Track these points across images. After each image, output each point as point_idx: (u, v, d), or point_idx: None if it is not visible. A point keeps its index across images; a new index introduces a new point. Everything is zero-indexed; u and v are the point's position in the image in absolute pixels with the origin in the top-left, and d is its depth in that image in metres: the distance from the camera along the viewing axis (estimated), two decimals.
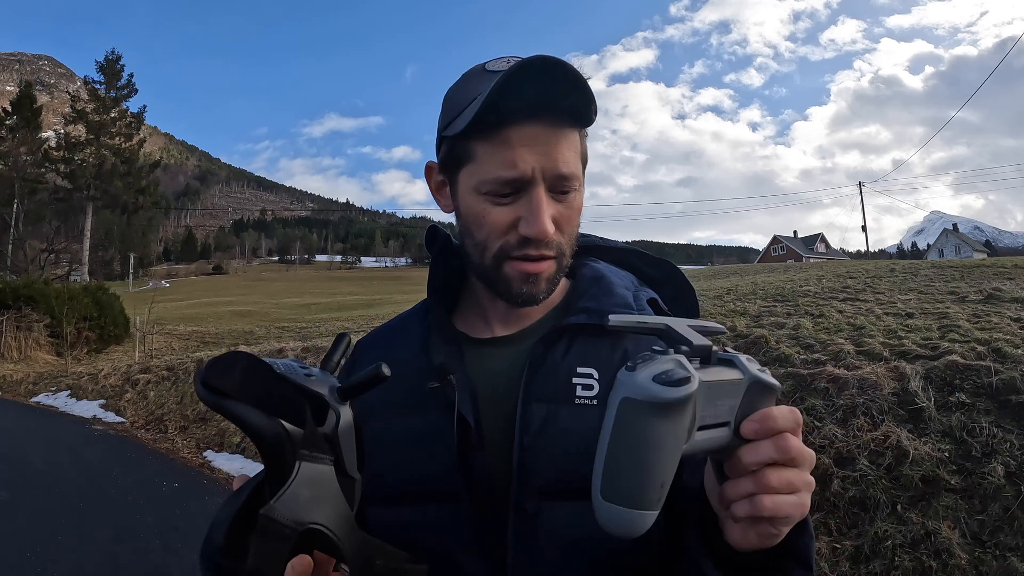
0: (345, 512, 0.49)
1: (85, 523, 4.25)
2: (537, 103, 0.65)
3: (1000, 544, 2.45)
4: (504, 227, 0.68)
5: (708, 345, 0.49)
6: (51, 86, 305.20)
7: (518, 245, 0.68)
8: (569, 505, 0.67)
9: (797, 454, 0.49)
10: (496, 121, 0.65)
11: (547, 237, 0.67)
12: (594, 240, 0.89)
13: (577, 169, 0.69)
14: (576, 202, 0.70)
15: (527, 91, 0.63)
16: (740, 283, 11.27)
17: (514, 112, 0.65)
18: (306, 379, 0.50)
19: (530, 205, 0.67)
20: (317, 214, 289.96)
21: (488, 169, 0.67)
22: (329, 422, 0.49)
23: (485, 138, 0.67)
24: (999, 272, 8.05)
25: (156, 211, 52.29)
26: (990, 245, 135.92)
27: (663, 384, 0.43)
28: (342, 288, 59.16)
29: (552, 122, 0.66)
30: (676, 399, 0.43)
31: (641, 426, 0.44)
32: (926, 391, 3.28)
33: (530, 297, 0.71)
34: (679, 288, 0.86)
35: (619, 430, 0.45)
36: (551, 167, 0.66)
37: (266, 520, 0.44)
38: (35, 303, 15.48)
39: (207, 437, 6.76)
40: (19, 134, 32.56)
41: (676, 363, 0.45)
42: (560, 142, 0.67)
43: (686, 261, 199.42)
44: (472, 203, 0.70)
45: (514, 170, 0.66)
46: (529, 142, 0.66)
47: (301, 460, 0.46)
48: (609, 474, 0.45)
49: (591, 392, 0.70)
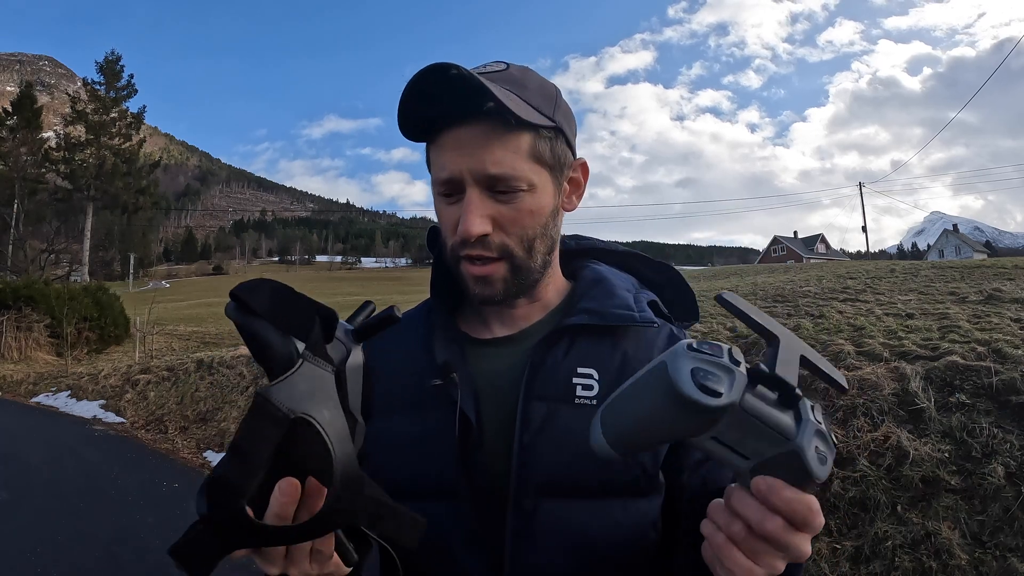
0: (340, 422, 0.48)
1: (85, 523, 4.25)
2: (451, 109, 0.67)
3: (1000, 544, 2.45)
4: (451, 226, 0.71)
5: (789, 386, 0.46)
6: (51, 86, 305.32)
7: (460, 245, 0.70)
8: (567, 503, 0.68)
9: (777, 540, 0.46)
10: (428, 129, 0.69)
11: (471, 237, 0.68)
12: (594, 243, 0.90)
13: (516, 170, 0.68)
14: (526, 204, 0.69)
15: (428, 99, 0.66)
16: (740, 284, 11.27)
17: (432, 120, 0.68)
18: None
19: (461, 206, 0.68)
20: (317, 215, 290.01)
21: (433, 171, 0.71)
22: (339, 352, 0.50)
23: (430, 143, 0.71)
24: (999, 273, 8.05)
25: (156, 211, 52.40)
26: (990, 246, 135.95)
27: (693, 381, 0.42)
28: (342, 289, 59.15)
29: (484, 125, 0.67)
30: (694, 402, 0.42)
31: (653, 395, 0.45)
32: (926, 392, 3.28)
33: (486, 298, 0.73)
34: (678, 291, 0.88)
35: (642, 382, 0.46)
36: (478, 168, 0.67)
37: (261, 399, 0.44)
38: (35, 303, 15.48)
39: (207, 437, 6.76)
40: (19, 134, 32.59)
41: (728, 374, 0.44)
42: (491, 144, 0.67)
43: (686, 262, 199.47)
44: (435, 203, 0.74)
45: (444, 172, 0.69)
46: (457, 145, 0.67)
47: (304, 359, 0.48)
48: (614, 402, 0.48)
49: (591, 392, 0.71)
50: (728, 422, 0.44)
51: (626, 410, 0.46)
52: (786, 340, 0.48)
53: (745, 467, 0.46)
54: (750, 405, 0.44)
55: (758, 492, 0.46)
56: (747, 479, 0.47)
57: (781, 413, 0.45)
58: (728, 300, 0.50)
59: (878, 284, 8.18)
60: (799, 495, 0.45)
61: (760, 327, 0.48)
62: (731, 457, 0.46)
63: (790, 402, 0.46)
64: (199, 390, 8.13)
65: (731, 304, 0.49)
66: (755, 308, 0.50)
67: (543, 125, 0.69)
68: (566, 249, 0.87)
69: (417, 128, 0.70)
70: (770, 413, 0.45)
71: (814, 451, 0.45)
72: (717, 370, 0.43)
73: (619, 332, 0.75)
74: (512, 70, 0.71)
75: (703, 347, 0.45)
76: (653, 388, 0.45)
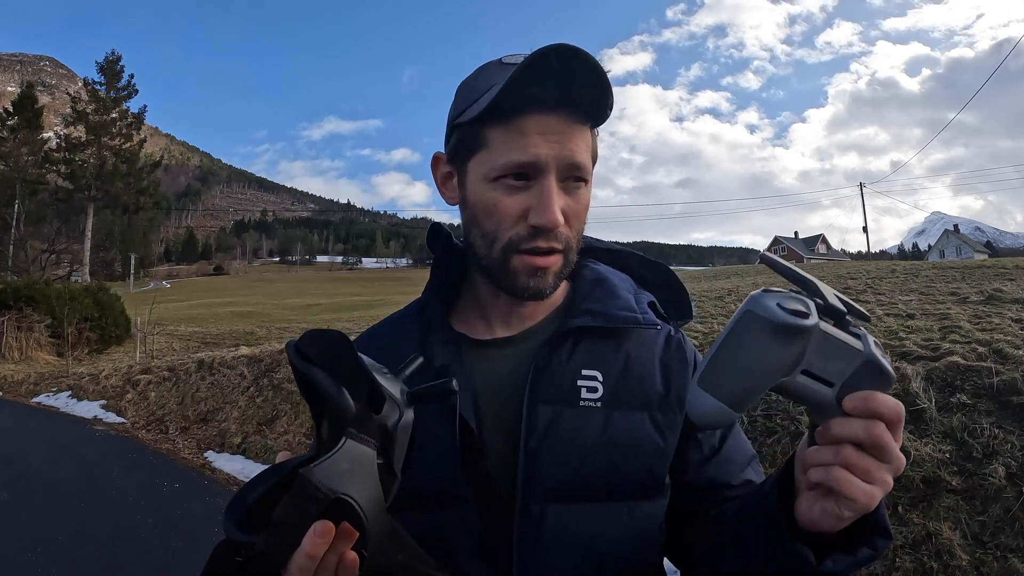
0: (378, 497, 0.50)
1: (85, 523, 4.25)
2: (556, 93, 0.65)
3: (1001, 545, 2.44)
4: (514, 216, 0.68)
5: (841, 310, 0.51)
6: (52, 87, 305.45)
7: (528, 236, 0.68)
8: (574, 507, 0.67)
9: (884, 445, 0.49)
10: (512, 108, 0.66)
11: (557, 226, 0.67)
12: (590, 242, 0.89)
13: (588, 163, 0.69)
14: (584, 198, 0.71)
15: (548, 77, 0.64)
16: (741, 284, 11.26)
17: (533, 99, 0.66)
18: (382, 376, 0.53)
19: (541, 194, 0.66)
20: (318, 215, 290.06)
21: (501, 154, 0.67)
22: (390, 416, 0.52)
23: (500, 125, 0.67)
24: (1000, 273, 8.04)
25: (157, 212, 52.45)
26: (991, 246, 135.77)
27: (784, 311, 0.47)
28: (343, 289, 59.19)
29: (568, 115, 0.67)
30: (789, 325, 0.47)
31: (752, 337, 0.48)
32: (927, 392, 3.27)
33: (536, 292, 0.70)
34: (673, 291, 0.87)
35: (734, 335, 0.49)
36: (565, 156, 0.66)
37: (303, 479, 0.47)
38: (36, 303, 15.48)
39: (208, 438, 6.76)
40: (20, 135, 32.60)
41: (803, 303, 0.48)
42: (575, 135, 0.67)
43: (687, 262, 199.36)
44: (482, 192, 0.70)
45: (527, 155, 0.66)
46: (544, 131, 0.66)
47: (348, 436, 0.49)
48: (712, 366, 0.50)
49: (595, 395, 0.70)
50: (813, 347, 0.49)
51: (728, 366, 0.50)
52: (823, 285, 0.53)
53: (830, 396, 0.51)
54: (825, 328, 0.49)
55: (855, 407, 0.49)
56: (834, 410, 0.51)
57: (846, 333, 0.50)
58: (767, 259, 0.57)
59: (879, 284, 8.18)
60: (888, 396, 0.50)
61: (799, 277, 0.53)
62: (819, 389, 0.50)
63: (847, 325, 0.51)
64: (200, 390, 8.13)
65: (773, 260, 0.56)
66: (791, 265, 0.55)
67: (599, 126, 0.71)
68: None
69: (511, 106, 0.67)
70: (840, 334, 0.50)
71: (884, 357, 0.51)
72: (795, 301, 0.48)
73: (622, 334, 0.75)
74: None
75: (772, 289, 0.50)
76: (750, 333, 0.48)
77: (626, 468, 0.69)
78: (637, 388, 0.72)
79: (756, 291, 0.50)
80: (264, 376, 7.70)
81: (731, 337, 0.49)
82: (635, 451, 0.70)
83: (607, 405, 0.70)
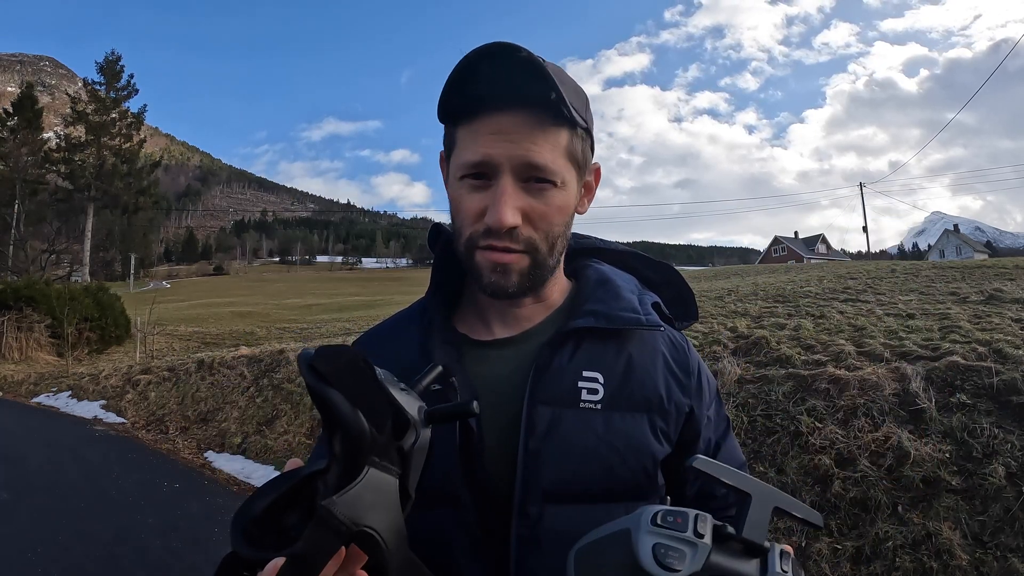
0: (399, 526, 0.50)
1: (85, 523, 4.25)
2: (499, 92, 0.65)
3: (1001, 545, 2.44)
4: (474, 215, 0.68)
5: (754, 543, 0.49)
6: (52, 87, 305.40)
7: (484, 234, 0.68)
8: (573, 508, 0.67)
9: None
10: (463, 111, 0.67)
11: (504, 227, 0.66)
12: (593, 242, 0.89)
13: (555, 164, 0.67)
14: (555, 200, 0.69)
15: (480, 81, 0.64)
16: (741, 284, 11.26)
17: (482, 100, 0.66)
18: (399, 392, 0.51)
19: (494, 194, 0.66)
20: (318, 215, 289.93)
21: (460, 155, 0.68)
22: (408, 439, 0.51)
23: (463, 125, 0.68)
24: (1000, 273, 8.04)
25: (157, 212, 52.44)
26: (991, 246, 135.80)
27: (654, 558, 0.46)
28: (343, 289, 59.14)
29: (523, 114, 0.66)
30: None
31: (618, 562, 0.48)
32: (927, 392, 3.27)
33: (499, 288, 0.70)
34: (678, 291, 0.87)
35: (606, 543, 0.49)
36: (518, 155, 0.65)
37: (326, 512, 0.45)
38: (36, 304, 15.48)
39: (208, 438, 6.76)
40: (20, 135, 32.59)
41: (691, 547, 0.47)
42: (535, 135, 0.66)
43: (687, 262, 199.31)
44: (452, 190, 0.71)
45: (476, 154, 0.66)
46: (499, 130, 0.66)
47: (371, 466, 0.48)
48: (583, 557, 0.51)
49: (596, 396, 0.70)
50: None
51: (594, 565, 0.50)
52: (758, 495, 0.51)
53: None
54: (716, 563, 0.47)
55: None
56: None
57: (746, 566, 0.49)
58: (699, 468, 0.53)
59: (879, 284, 8.18)
60: None
61: (732, 487, 0.52)
62: None
63: (755, 554, 0.49)
64: (200, 390, 8.13)
65: (703, 471, 0.53)
66: (727, 469, 0.53)
67: (580, 125, 0.69)
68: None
69: (457, 107, 0.68)
70: (736, 569, 0.48)
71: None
72: (679, 544, 0.46)
73: (624, 335, 0.74)
74: (549, 65, 0.69)
75: (668, 519, 0.48)
76: (617, 556, 0.48)
77: (624, 470, 0.69)
78: (638, 391, 0.72)
79: (648, 513, 0.48)
80: (264, 376, 7.70)
81: (605, 542, 0.49)
82: (634, 454, 0.70)
83: (607, 407, 0.70)
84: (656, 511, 0.48)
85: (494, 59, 0.63)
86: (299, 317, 24.45)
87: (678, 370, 0.76)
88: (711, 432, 0.79)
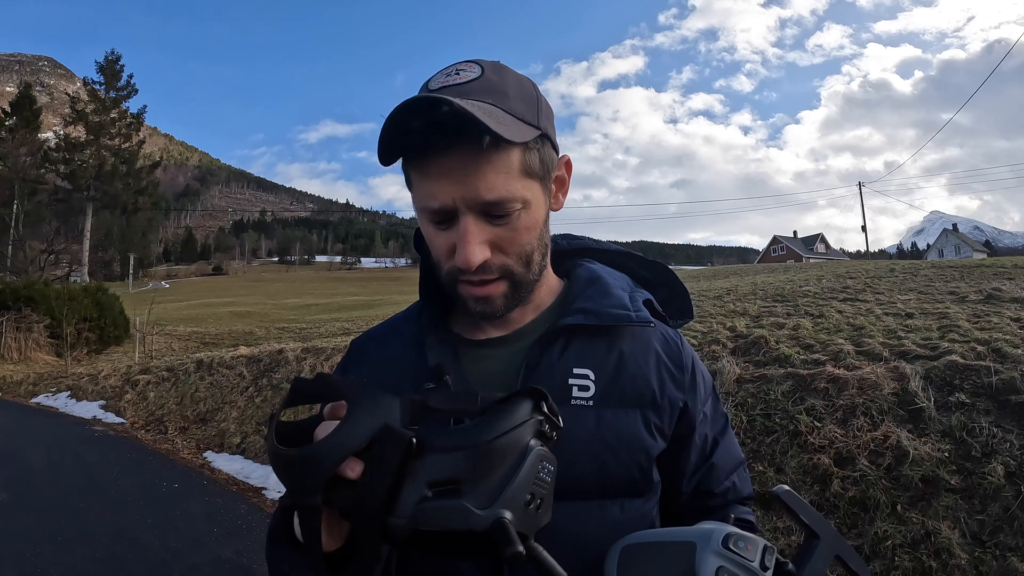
0: None
1: (85, 523, 4.24)
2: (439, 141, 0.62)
3: (1000, 544, 2.45)
4: (445, 253, 0.68)
5: None
6: (51, 87, 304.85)
7: (460, 271, 0.67)
8: (565, 505, 0.67)
9: None
10: (414, 152, 0.64)
11: (471, 267, 0.65)
12: (587, 243, 0.89)
13: (509, 191, 0.65)
14: (522, 222, 0.67)
15: (414, 135, 0.62)
16: (740, 283, 11.26)
17: (418, 148, 0.63)
18: None
19: (458, 235, 0.65)
20: (317, 215, 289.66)
21: (418, 197, 0.67)
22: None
23: (413, 167, 0.66)
24: (999, 272, 8.05)
25: (156, 212, 52.27)
26: (990, 245, 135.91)
27: None
28: (342, 289, 59.16)
29: (466, 150, 0.62)
30: None
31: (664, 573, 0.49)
32: (926, 391, 3.28)
33: (487, 315, 0.71)
34: (673, 289, 0.87)
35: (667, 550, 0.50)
36: (472, 196, 0.63)
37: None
38: (35, 304, 15.47)
39: (207, 438, 6.76)
40: (19, 135, 32.51)
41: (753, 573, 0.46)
42: (481, 168, 0.63)
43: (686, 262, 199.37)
44: (422, 223, 0.71)
45: (434, 201, 0.65)
46: (447, 172, 0.63)
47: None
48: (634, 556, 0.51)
49: (587, 393, 0.70)
50: None
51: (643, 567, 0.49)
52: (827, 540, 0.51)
53: None
54: None
55: None
56: None
57: None
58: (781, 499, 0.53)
59: (878, 284, 8.18)
60: None
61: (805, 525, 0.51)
62: None
63: None
64: (199, 390, 8.13)
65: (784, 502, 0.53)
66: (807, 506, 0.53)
67: (530, 139, 0.66)
68: (558, 249, 0.87)
69: (401, 152, 0.65)
70: None
71: None
72: (743, 573, 0.46)
73: (615, 332, 0.75)
74: (488, 75, 0.67)
75: (739, 544, 0.47)
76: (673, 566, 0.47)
77: (617, 466, 0.69)
78: (630, 387, 0.72)
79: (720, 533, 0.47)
80: (263, 376, 7.70)
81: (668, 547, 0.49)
82: (627, 450, 0.70)
83: (599, 404, 0.71)
84: (728, 533, 0.47)
85: (420, 114, 0.60)
86: (298, 317, 24.43)
87: (671, 365, 0.76)
88: (707, 428, 0.79)
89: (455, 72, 0.67)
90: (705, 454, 0.78)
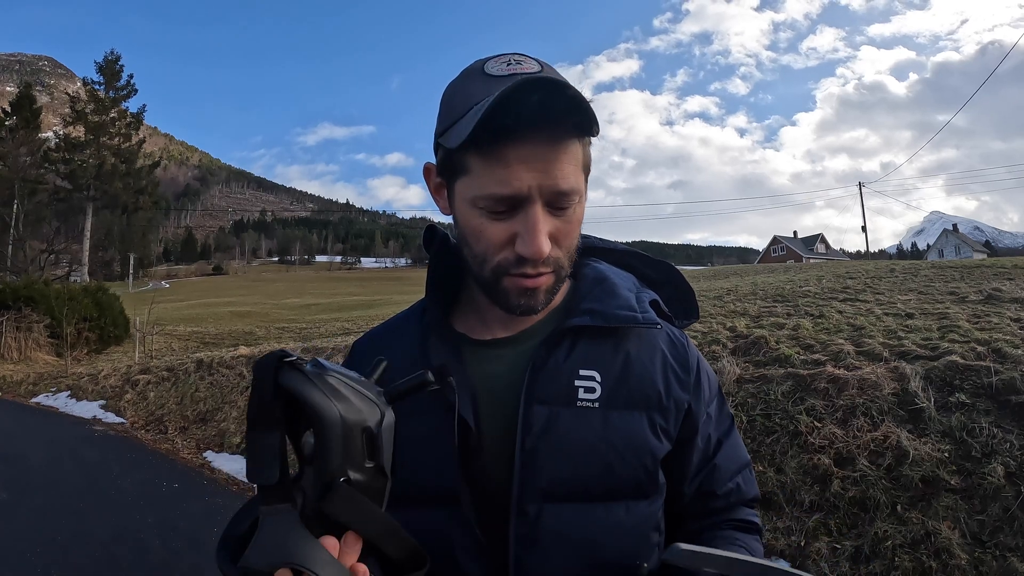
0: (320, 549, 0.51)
1: (85, 523, 4.24)
2: (538, 122, 0.61)
3: (1000, 544, 2.45)
4: (500, 244, 0.66)
5: None
6: (51, 87, 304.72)
7: (516, 263, 0.66)
8: (571, 507, 0.67)
9: None
10: (492, 138, 0.62)
11: (542, 257, 0.65)
12: (592, 241, 0.88)
13: (578, 183, 0.65)
14: (576, 215, 0.68)
15: (525, 113, 0.60)
16: (740, 283, 11.26)
17: (511, 130, 0.62)
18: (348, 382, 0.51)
19: (526, 223, 0.64)
20: (317, 215, 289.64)
21: (483, 184, 0.64)
22: (372, 418, 0.51)
23: (480, 153, 0.64)
24: (999, 272, 8.05)
25: (156, 211, 52.19)
26: (990, 245, 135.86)
27: None
28: (342, 289, 59.11)
29: (552, 137, 0.62)
30: None
31: None
32: (926, 391, 3.28)
33: (528, 308, 0.69)
34: (678, 289, 0.87)
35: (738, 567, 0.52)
36: (550, 184, 0.63)
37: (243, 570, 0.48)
38: (35, 304, 15.47)
39: (207, 438, 6.76)
40: (19, 135, 32.49)
41: None
42: (560, 157, 0.63)
43: (686, 262, 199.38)
44: (468, 215, 0.67)
45: (509, 188, 0.63)
46: (527, 159, 0.62)
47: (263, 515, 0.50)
48: None
49: (593, 395, 0.70)
50: None
51: None
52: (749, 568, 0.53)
53: None
54: None
55: None
56: None
57: None
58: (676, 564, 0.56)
59: (878, 284, 8.18)
60: None
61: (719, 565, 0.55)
62: None
63: None
64: (199, 390, 8.13)
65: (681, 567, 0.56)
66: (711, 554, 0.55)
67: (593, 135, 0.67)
68: None
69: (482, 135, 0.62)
70: None
71: None
72: None
73: (621, 333, 0.74)
74: (546, 67, 0.66)
75: None
76: None
77: (623, 468, 0.69)
78: (636, 388, 0.72)
79: None
80: None
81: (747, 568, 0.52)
82: (633, 452, 0.70)
83: (605, 405, 0.70)
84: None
85: (547, 91, 0.60)
86: (298, 317, 24.44)
87: (677, 366, 0.76)
88: (711, 429, 0.79)
89: (515, 62, 0.66)
90: (708, 455, 0.78)
